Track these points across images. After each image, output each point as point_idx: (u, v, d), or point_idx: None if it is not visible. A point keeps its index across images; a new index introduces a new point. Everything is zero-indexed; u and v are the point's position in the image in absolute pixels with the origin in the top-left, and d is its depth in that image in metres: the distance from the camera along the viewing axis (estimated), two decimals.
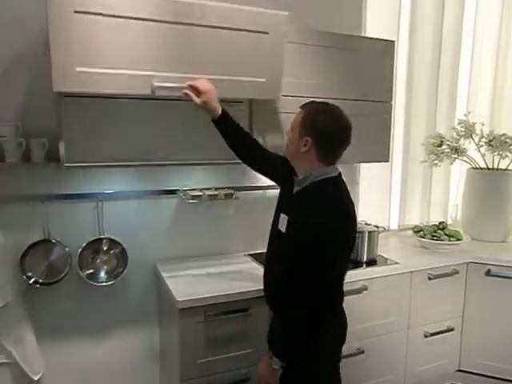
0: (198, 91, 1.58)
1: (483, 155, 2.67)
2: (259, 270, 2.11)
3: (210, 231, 2.30)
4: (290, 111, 2.00)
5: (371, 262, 2.27)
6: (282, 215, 1.52)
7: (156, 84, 1.57)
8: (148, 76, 1.57)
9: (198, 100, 1.59)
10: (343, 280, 1.51)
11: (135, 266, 2.11)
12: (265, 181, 2.36)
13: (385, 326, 2.21)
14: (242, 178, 2.33)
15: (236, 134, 1.70)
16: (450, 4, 2.79)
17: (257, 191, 2.38)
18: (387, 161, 2.43)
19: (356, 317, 2.11)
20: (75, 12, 1.41)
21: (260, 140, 1.90)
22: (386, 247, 2.48)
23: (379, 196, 2.81)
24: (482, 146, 2.64)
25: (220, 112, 1.63)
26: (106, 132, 1.96)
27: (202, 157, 2.04)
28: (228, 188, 2.23)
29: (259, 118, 2.01)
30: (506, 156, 2.59)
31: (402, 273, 2.21)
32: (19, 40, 1.83)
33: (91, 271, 2.01)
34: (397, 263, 2.24)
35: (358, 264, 2.25)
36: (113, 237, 2.03)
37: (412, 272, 2.23)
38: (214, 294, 1.79)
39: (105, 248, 2.04)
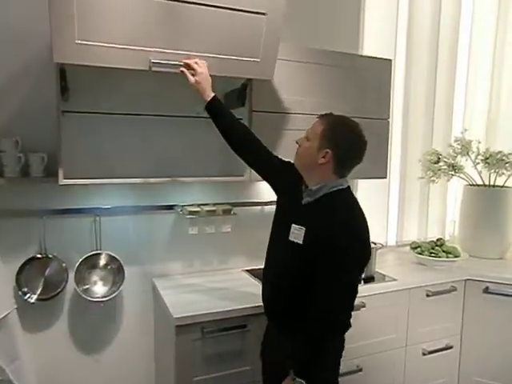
0: (193, 70, 1.62)
1: (480, 172, 2.69)
2: (257, 285, 2.10)
3: (208, 247, 2.29)
4: (286, 128, 2.04)
5: (369, 279, 2.26)
6: (296, 226, 1.47)
7: (153, 60, 1.58)
8: (146, 52, 1.57)
9: (192, 79, 1.61)
10: (354, 295, 1.47)
11: (132, 281, 2.10)
12: (263, 197, 2.38)
13: (383, 343, 2.19)
14: (241, 194, 2.33)
15: (228, 119, 1.67)
16: (446, 22, 2.84)
17: (255, 207, 2.38)
18: (385, 177, 2.44)
19: (354, 334, 2.08)
20: None
21: None
22: (383, 264, 2.48)
23: (377, 212, 2.81)
24: (479, 163, 2.66)
25: (212, 96, 1.64)
26: (104, 149, 1.98)
27: (201, 173, 2.05)
28: (226, 204, 2.23)
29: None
30: (503, 173, 2.61)
31: (400, 290, 2.20)
32: (20, 56, 1.85)
33: (87, 286, 1.99)
34: (395, 280, 2.23)
35: None
36: (110, 252, 2.03)
37: (410, 289, 2.22)
38: (212, 311, 1.78)
39: (102, 263, 2.03)
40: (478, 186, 2.72)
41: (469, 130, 2.78)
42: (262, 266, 2.31)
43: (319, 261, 1.39)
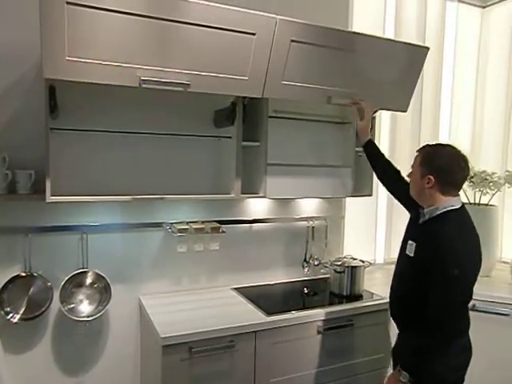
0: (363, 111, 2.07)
1: (465, 191, 2.73)
2: (245, 304, 2.09)
3: (196, 265, 2.27)
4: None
5: (357, 297, 2.26)
6: (410, 242, 1.70)
7: (143, 77, 1.60)
8: (135, 69, 1.59)
9: (364, 105, 2.06)
10: (464, 309, 1.63)
11: (119, 299, 2.07)
12: (251, 214, 2.39)
13: (372, 362, 2.18)
14: (229, 212, 2.33)
15: (378, 160, 2.07)
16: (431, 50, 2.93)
17: (243, 225, 2.38)
18: (370, 195, 2.47)
19: (343, 353, 2.09)
20: (67, 3, 1.43)
21: None
22: (371, 282, 2.49)
23: (365, 230, 2.83)
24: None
25: (367, 139, 2.09)
26: (93, 166, 1.98)
27: (189, 191, 2.05)
28: (215, 222, 2.23)
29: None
30: (487, 192, 2.65)
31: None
32: (9, 73, 1.85)
33: (73, 306, 1.96)
34: (383, 298, 2.23)
35: (343, 299, 2.24)
36: (97, 270, 2.00)
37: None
38: (200, 330, 1.76)
39: (88, 282, 2.00)
40: (464, 204, 2.76)
41: None
42: (251, 284, 2.32)
43: (425, 273, 1.56)
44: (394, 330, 2.20)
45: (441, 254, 1.52)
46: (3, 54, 1.83)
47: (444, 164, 1.62)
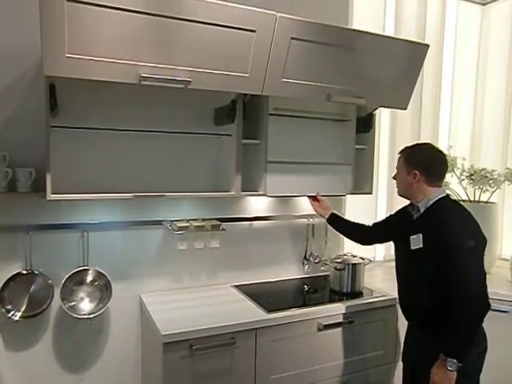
0: (319, 202, 2.23)
1: (465, 188, 2.74)
2: (246, 301, 2.10)
3: (197, 262, 2.28)
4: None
5: (357, 295, 2.27)
6: (413, 236, 1.73)
7: (142, 74, 1.60)
8: (135, 66, 1.59)
9: (318, 209, 2.24)
10: (484, 289, 1.60)
11: (119, 297, 2.07)
12: (251, 212, 2.39)
13: (372, 359, 2.19)
14: (229, 210, 2.33)
15: (345, 229, 2.21)
16: (432, 43, 2.92)
17: (243, 222, 2.38)
18: (370, 193, 2.47)
19: (342, 350, 2.10)
20: (67, 0, 1.42)
21: None
22: (371, 279, 2.49)
23: None
24: (464, 179, 2.70)
25: (328, 215, 2.21)
26: (93, 164, 1.98)
27: (190, 188, 2.05)
28: (215, 219, 2.23)
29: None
30: (487, 190, 2.66)
31: (389, 305, 2.21)
32: (9, 72, 1.85)
33: (74, 303, 1.96)
34: (383, 295, 2.24)
35: (343, 296, 2.25)
36: (97, 268, 2.00)
37: (398, 304, 2.22)
38: (200, 328, 1.76)
39: (89, 279, 2.00)
40: (464, 201, 2.76)
41: (454, 147, 2.84)
42: (251, 282, 2.32)
43: (441, 257, 1.60)
44: (394, 329, 2.24)
45: (453, 232, 1.59)
46: (3, 53, 1.83)
47: (426, 158, 1.75)
